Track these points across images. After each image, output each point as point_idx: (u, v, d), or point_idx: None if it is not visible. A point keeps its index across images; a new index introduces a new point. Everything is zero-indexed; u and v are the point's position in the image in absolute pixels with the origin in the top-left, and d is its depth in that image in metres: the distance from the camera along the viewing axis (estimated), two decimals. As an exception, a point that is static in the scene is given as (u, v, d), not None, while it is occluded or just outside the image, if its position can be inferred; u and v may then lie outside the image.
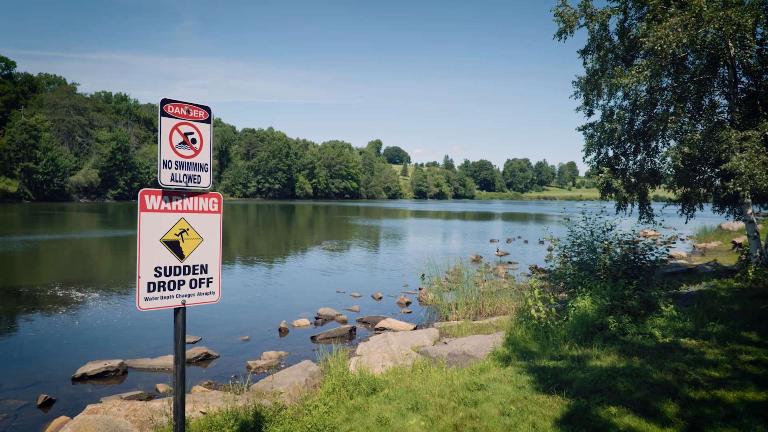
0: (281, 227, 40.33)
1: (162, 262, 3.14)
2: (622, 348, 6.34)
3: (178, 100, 3.14)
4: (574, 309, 7.43)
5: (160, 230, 3.13)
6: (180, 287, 3.23)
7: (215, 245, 3.39)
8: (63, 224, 36.52)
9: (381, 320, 10.51)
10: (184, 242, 3.23)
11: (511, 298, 11.47)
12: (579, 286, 7.93)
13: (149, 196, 3.09)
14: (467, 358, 6.49)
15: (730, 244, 24.45)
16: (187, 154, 3.21)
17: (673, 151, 11.97)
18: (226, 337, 9.62)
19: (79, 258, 19.83)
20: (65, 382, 7.25)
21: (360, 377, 5.38)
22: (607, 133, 14.04)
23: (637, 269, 8.29)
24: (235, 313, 11.39)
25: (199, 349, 8.46)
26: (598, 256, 8.24)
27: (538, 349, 6.66)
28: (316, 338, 9.56)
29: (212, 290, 3.40)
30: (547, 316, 7.81)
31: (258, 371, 7.79)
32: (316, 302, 12.60)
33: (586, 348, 6.49)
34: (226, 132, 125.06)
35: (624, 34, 13.59)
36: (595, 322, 6.89)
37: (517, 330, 7.33)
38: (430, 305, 12.61)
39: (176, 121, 3.14)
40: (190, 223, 3.26)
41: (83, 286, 13.87)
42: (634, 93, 13.54)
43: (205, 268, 3.34)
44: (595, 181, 14.43)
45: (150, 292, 3.09)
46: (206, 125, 3.30)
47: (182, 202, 3.22)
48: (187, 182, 3.22)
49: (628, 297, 7.34)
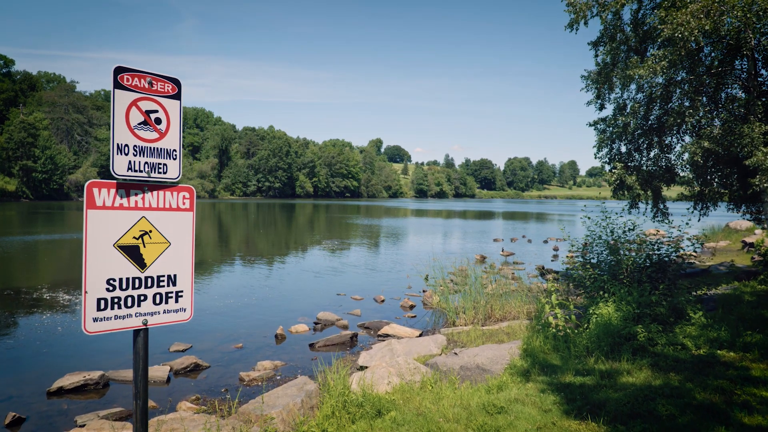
0: (281, 226, 39.68)
1: (116, 272, 2.50)
2: (654, 361, 5.70)
3: (137, 69, 2.50)
4: (596, 316, 6.79)
5: (115, 232, 2.49)
6: (140, 304, 2.59)
7: (186, 251, 2.75)
8: (61, 224, 35.88)
9: (384, 326, 9.87)
10: (146, 247, 2.59)
11: (521, 302, 10.83)
12: (601, 291, 7.28)
13: (99, 189, 2.45)
14: (482, 373, 5.85)
15: (739, 243, 23.82)
16: (150, 138, 2.57)
17: (692, 146, 11.33)
18: (218, 344, 8.99)
19: (73, 259, 19.20)
20: (39, 397, 6.62)
21: (363, 397, 4.74)
22: (620, 128, 13.45)
23: (661, 272, 7.65)
24: (229, 318, 10.76)
25: (188, 358, 7.83)
26: (621, 258, 7.59)
27: (559, 362, 6.02)
28: (315, 346, 8.92)
29: (182, 306, 2.76)
30: (566, 324, 7.18)
31: (251, 384, 7.16)
32: (316, 306, 11.96)
33: (613, 361, 5.85)
34: (227, 130, 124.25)
35: (638, 25, 12.99)
36: (622, 331, 6.25)
37: (535, 340, 6.68)
38: (435, 309, 11.98)
39: (135, 96, 2.51)
40: (154, 223, 2.62)
41: (72, 288, 13.23)
42: (648, 85, 12.92)
43: (173, 279, 2.70)
44: (608, 177, 13.79)
45: (101, 310, 2.45)
46: (174, 102, 2.66)
47: (143, 198, 2.58)
48: (150, 172, 2.58)
49: (655, 303, 6.69)
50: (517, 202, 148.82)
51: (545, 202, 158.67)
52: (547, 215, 66.00)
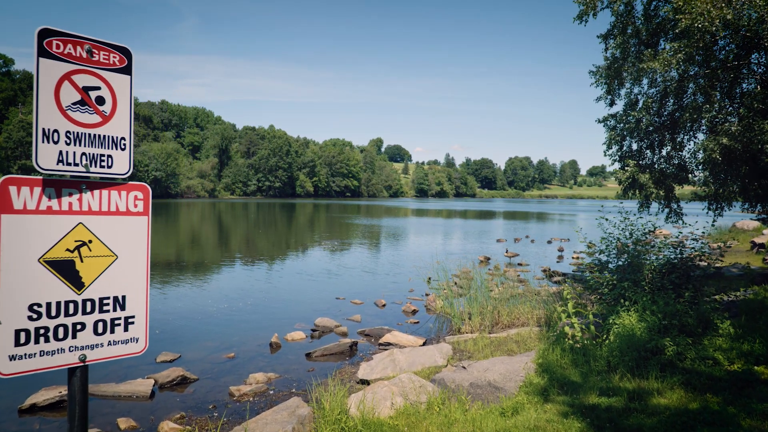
0: (280, 226, 39.12)
1: (43, 295, 1.94)
2: (686, 379, 5.13)
3: (72, 34, 1.94)
4: (617, 327, 6.22)
5: (41, 244, 1.94)
6: (76, 334, 2.03)
7: (139, 265, 2.19)
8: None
9: (386, 333, 9.30)
10: (84, 262, 2.04)
11: (530, 307, 10.26)
12: (621, 299, 6.71)
13: (19, 188, 1.89)
14: (494, 391, 5.29)
15: (748, 244, 23.27)
16: (89, 122, 2.01)
17: (710, 142, 10.76)
18: (209, 353, 8.42)
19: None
20: (10, 415, 6.07)
21: (363, 424, 4.18)
22: (632, 124, 12.90)
23: (685, 278, 7.07)
24: (222, 324, 10.19)
25: (175, 370, 7.26)
26: (643, 262, 7.01)
27: (580, 379, 5.45)
28: (312, 355, 8.35)
29: (134, 335, 2.21)
30: (583, 334, 6.62)
31: (242, 399, 6.60)
32: (314, 311, 11.40)
33: (640, 379, 5.28)
34: (227, 130, 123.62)
35: (650, 17, 12.44)
36: (647, 345, 5.68)
37: (551, 352, 6.12)
38: (439, 314, 11.42)
39: (69, 68, 1.95)
40: (95, 231, 2.06)
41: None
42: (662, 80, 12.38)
43: (121, 301, 2.14)
44: (619, 176, 13.22)
45: (21, 345, 1.90)
46: (123, 77, 2.10)
47: (80, 199, 2.03)
48: (89, 166, 2.02)
49: (682, 313, 6.12)
50: (518, 202, 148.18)
51: (546, 202, 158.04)
52: (548, 215, 65.40)
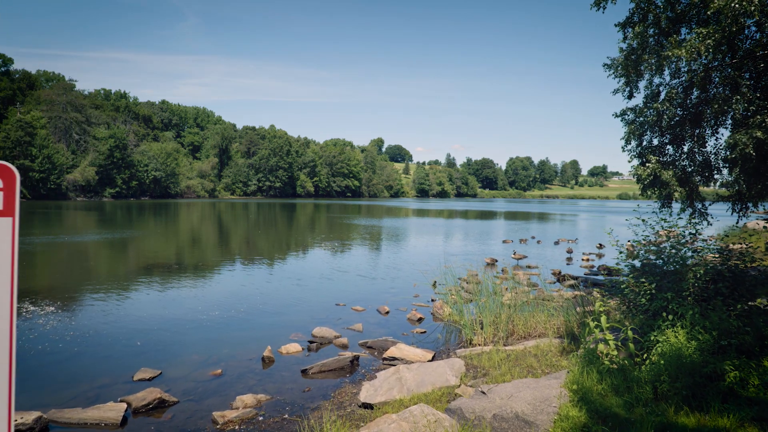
0: (280, 226, 38.25)
1: None
2: (757, 413, 4.26)
3: None
4: (661, 345, 5.35)
5: None
6: None
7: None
8: (58, 224, 34.49)
9: (390, 346, 8.42)
10: None
11: (547, 315, 9.40)
12: (664, 312, 5.83)
13: None
14: (524, 426, 4.42)
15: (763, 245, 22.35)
16: None
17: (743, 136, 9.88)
18: (193, 369, 7.55)
19: (53, 264, 17.81)
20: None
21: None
22: (653, 117, 12.03)
23: (732, 287, 6.20)
24: (211, 335, 9.32)
25: (152, 392, 6.37)
26: (687, 269, 6.14)
27: (624, 411, 4.58)
28: (309, 372, 7.48)
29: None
30: (619, 353, 5.74)
31: (226, 427, 5.73)
32: (311, 319, 10.53)
33: (700, 412, 4.41)
34: (227, 130, 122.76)
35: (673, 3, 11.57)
36: (704, 369, 4.80)
37: (585, 376, 5.24)
38: (447, 321, 10.55)
39: None
40: None
41: (40, 297, 11.83)
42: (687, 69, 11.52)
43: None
44: (639, 172, 12.32)
45: None
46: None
47: None
48: None
49: (738, 330, 5.24)
50: (520, 202, 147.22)
51: (548, 202, 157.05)
52: (550, 215, 64.49)
